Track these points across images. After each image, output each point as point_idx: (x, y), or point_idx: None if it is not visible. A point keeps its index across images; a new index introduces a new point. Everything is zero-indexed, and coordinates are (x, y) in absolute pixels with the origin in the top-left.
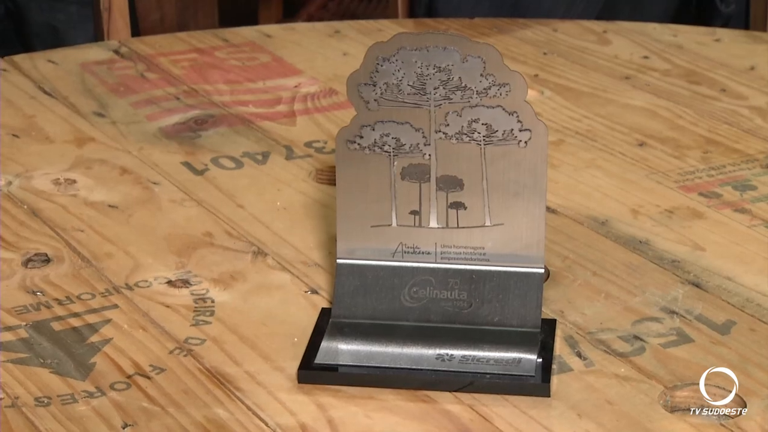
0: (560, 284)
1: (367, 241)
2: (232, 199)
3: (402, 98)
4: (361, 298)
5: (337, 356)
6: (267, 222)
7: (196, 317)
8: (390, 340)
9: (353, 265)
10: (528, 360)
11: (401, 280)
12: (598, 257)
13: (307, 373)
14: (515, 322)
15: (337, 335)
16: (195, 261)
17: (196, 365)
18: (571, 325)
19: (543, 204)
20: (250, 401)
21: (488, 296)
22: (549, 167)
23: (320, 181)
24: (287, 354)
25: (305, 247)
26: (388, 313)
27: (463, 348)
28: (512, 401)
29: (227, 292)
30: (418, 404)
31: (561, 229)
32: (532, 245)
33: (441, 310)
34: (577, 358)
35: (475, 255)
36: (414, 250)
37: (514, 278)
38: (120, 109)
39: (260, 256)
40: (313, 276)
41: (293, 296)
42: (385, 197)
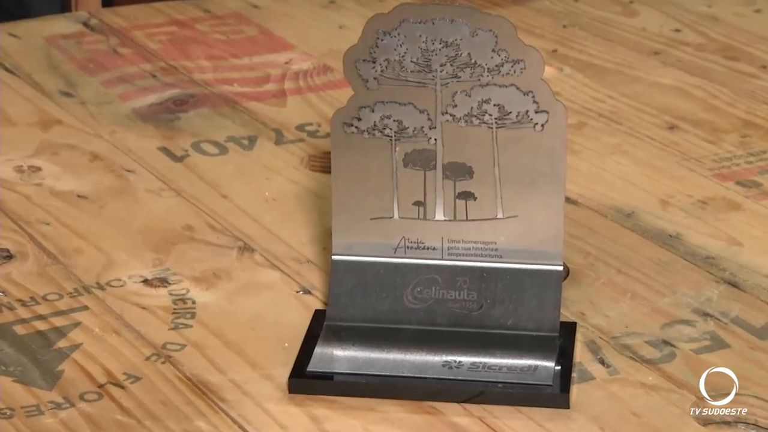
0: (581, 283)
1: (366, 236)
2: (216, 189)
3: (405, 76)
4: (359, 298)
5: (332, 363)
6: (254, 214)
7: (176, 320)
8: (391, 346)
9: (350, 262)
10: (545, 367)
11: (404, 278)
12: (623, 253)
13: (299, 382)
14: (531, 326)
15: (332, 340)
16: (174, 257)
17: (176, 373)
18: (593, 329)
19: (562, 194)
20: (235, 413)
21: (501, 296)
22: (569, 153)
23: (314, 168)
24: (277, 361)
25: (297, 242)
26: (389, 316)
27: (472, 354)
28: (527, 413)
29: (210, 292)
30: (423, 416)
31: (582, 221)
32: (550, 240)
33: (448, 312)
34: (600, 366)
35: (486, 251)
36: (418, 246)
37: (530, 276)
38: (90, 88)
39: (247, 252)
40: (305, 274)
41: (284, 297)
42: (385, 187)
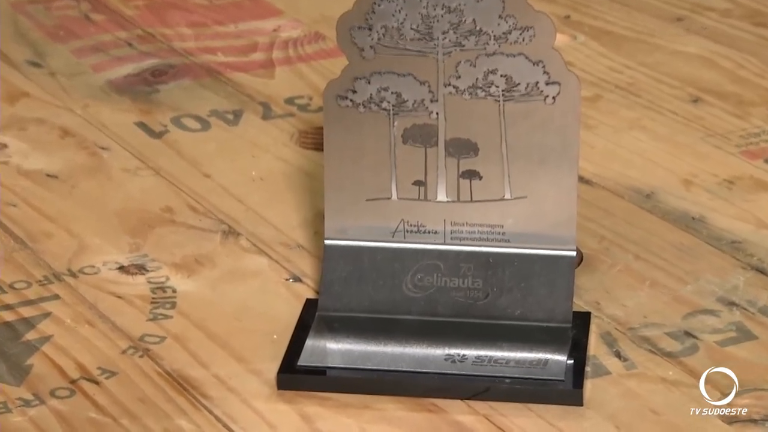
0: (596, 270)
1: (362, 218)
2: (198, 168)
3: (404, 45)
4: (354, 286)
5: (325, 357)
6: (240, 195)
7: (154, 310)
8: (389, 338)
9: (344, 247)
10: (556, 361)
11: (403, 265)
12: (641, 237)
13: (288, 378)
14: (541, 316)
15: (325, 332)
16: (152, 242)
17: (155, 368)
18: (608, 320)
19: (575, 173)
20: (219, 411)
21: (508, 284)
22: (583, 128)
23: (304, 145)
24: (265, 354)
25: (286, 225)
26: (386, 305)
27: (477, 347)
28: (537, 411)
29: (192, 280)
30: (424, 414)
31: (597, 203)
32: (562, 223)
33: (451, 302)
34: (616, 359)
35: (492, 234)
36: (418, 229)
37: (540, 263)
38: (60, 57)
39: (231, 237)
40: (295, 260)
41: (272, 285)
42: (383, 165)
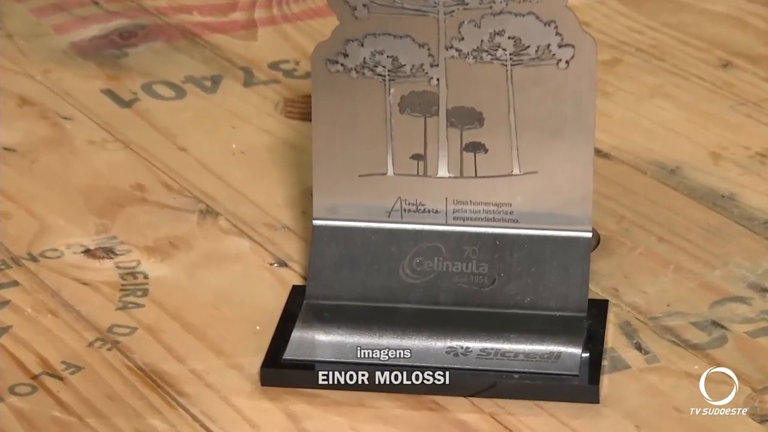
0: (614, 253)
1: (354, 196)
2: (172, 140)
3: (401, 3)
4: (346, 272)
5: (313, 350)
6: (219, 171)
7: (124, 298)
8: (385, 329)
9: (335, 228)
10: (570, 354)
11: (400, 247)
12: (665, 217)
13: (273, 373)
14: (553, 304)
15: (313, 322)
16: (121, 223)
17: (125, 362)
18: (628, 308)
19: (591, 146)
20: (196, 409)
21: (517, 269)
22: (599, 96)
23: (290, 115)
24: (247, 347)
25: (270, 203)
26: (382, 293)
27: (482, 339)
28: (548, 409)
29: (165, 265)
30: (423, 413)
31: (615, 179)
32: (576, 201)
33: (453, 288)
34: (636, 352)
35: (499, 214)
36: (417, 208)
37: (552, 245)
38: (18, 17)
39: (209, 217)
40: (280, 243)
41: (254, 270)
42: (377, 137)
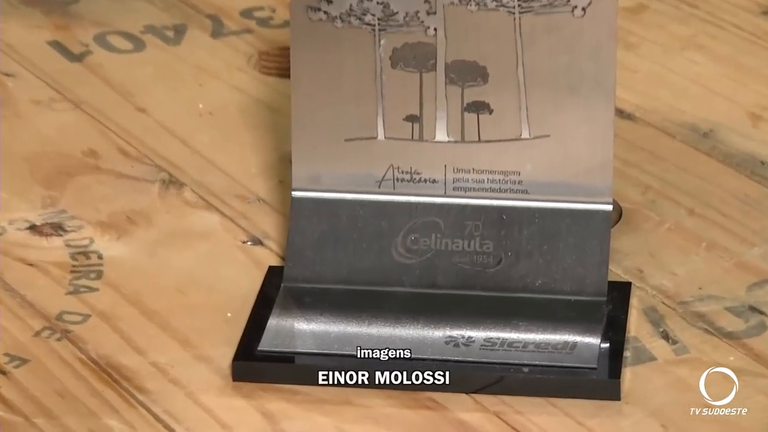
0: (638, 229)
1: (339, 164)
2: (129, 100)
3: None
4: (330, 251)
5: (292, 340)
6: (183, 134)
7: (75, 281)
8: (375, 316)
9: (317, 201)
10: (587, 345)
11: (392, 223)
12: (697, 187)
13: (247, 366)
14: (568, 287)
15: (292, 308)
16: (72, 195)
17: (77, 354)
18: (653, 292)
19: (611, 105)
20: (159, 408)
21: (526, 247)
22: (622, 48)
23: (266, 70)
24: (216, 337)
25: (242, 172)
26: (371, 275)
27: (487, 327)
28: (562, 407)
29: (122, 243)
30: (419, 412)
31: (640, 143)
32: (595, 169)
33: (454, 270)
34: (663, 342)
35: (506, 184)
36: (412, 177)
37: (567, 219)
38: None
39: (173, 188)
40: (255, 217)
41: (225, 249)
42: (366, 95)
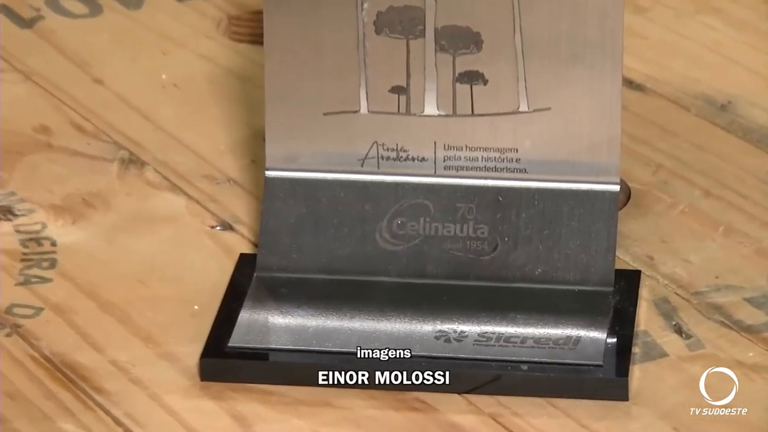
0: (649, 212)
1: (318, 141)
2: (85, 70)
3: None
4: (309, 237)
5: (266, 335)
6: (145, 108)
7: (26, 271)
8: (358, 309)
9: (294, 181)
10: (592, 340)
11: (377, 205)
12: (713, 165)
13: (216, 364)
14: (571, 276)
15: (266, 300)
16: (22, 175)
17: (28, 351)
18: (666, 281)
19: (618, 75)
20: (119, 411)
21: (525, 232)
22: (630, 12)
23: (236, 37)
24: (182, 332)
25: (211, 150)
26: (354, 263)
27: (481, 320)
28: (564, 408)
29: (78, 229)
30: (406, 414)
31: (651, 117)
32: (601, 146)
33: (445, 257)
34: (676, 336)
35: (502, 162)
36: (398, 155)
37: (570, 201)
38: None
39: (134, 167)
40: (224, 200)
41: (191, 234)
42: (348, 65)
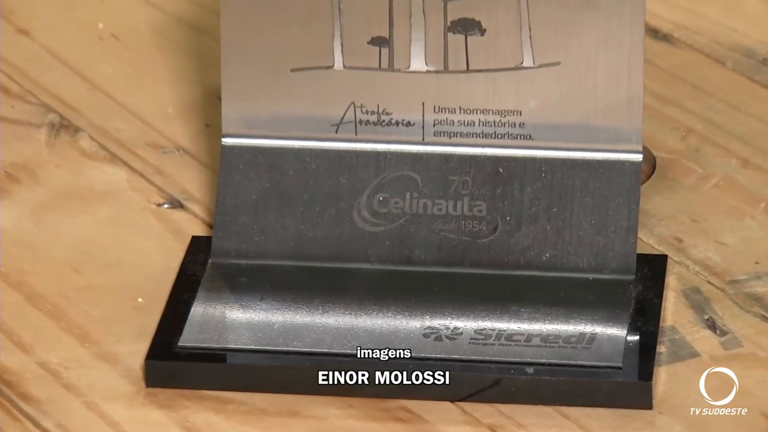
0: (677, 185)
1: (284, 101)
2: (8, 19)
3: None
4: (273, 216)
5: (223, 333)
6: (79, 64)
7: None
8: (332, 301)
9: (256, 150)
10: (609, 337)
11: (354, 178)
12: (753, 130)
13: (164, 367)
14: (585, 262)
15: (224, 292)
16: None
17: None
18: (697, 268)
19: (641, 23)
20: (50, 422)
21: (530, 210)
22: None
23: None
24: (124, 329)
25: (157, 113)
26: (327, 247)
27: (479, 315)
28: (576, 418)
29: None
30: (388, 426)
31: (680, 73)
32: (619, 107)
33: (435, 241)
34: (709, 332)
35: (502, 127)
36: (380, 119)
37: (583, 173)
38: None
39: (66, 134)
40: (172, 172)
41: (134, 213)
42: (320, 11)
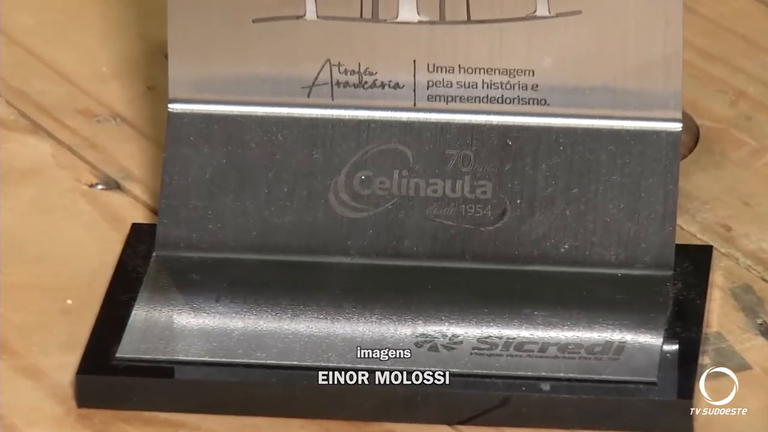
0: (725, 160)
1: (245, 59)
2: None
3: None
4: (232, 198)
5: (171, 342)
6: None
7: None
8: (303, 303)
9: (209, 118)
10: (641, 346)
11: (330, 153)
12: None
13: (98, 383)
14: (612, 255)
15: (171, 291)
16: None
17: None
18: (748, 261)
19: None
20: None
21: (546, 191)
22: None
23: None
24: (50, 337)
25: (89, 74)
26: (297, 236)
27: (483, 320)
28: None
29: None
30: None
31: (728, 24)
32: (654, 66)
33: (430, 228)
34: (763, 340)
35: (511, 90)
36: (362, 80)
37: (610, 146)
38: None
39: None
40: (108, 145)
41: (61, 196)
42: None
